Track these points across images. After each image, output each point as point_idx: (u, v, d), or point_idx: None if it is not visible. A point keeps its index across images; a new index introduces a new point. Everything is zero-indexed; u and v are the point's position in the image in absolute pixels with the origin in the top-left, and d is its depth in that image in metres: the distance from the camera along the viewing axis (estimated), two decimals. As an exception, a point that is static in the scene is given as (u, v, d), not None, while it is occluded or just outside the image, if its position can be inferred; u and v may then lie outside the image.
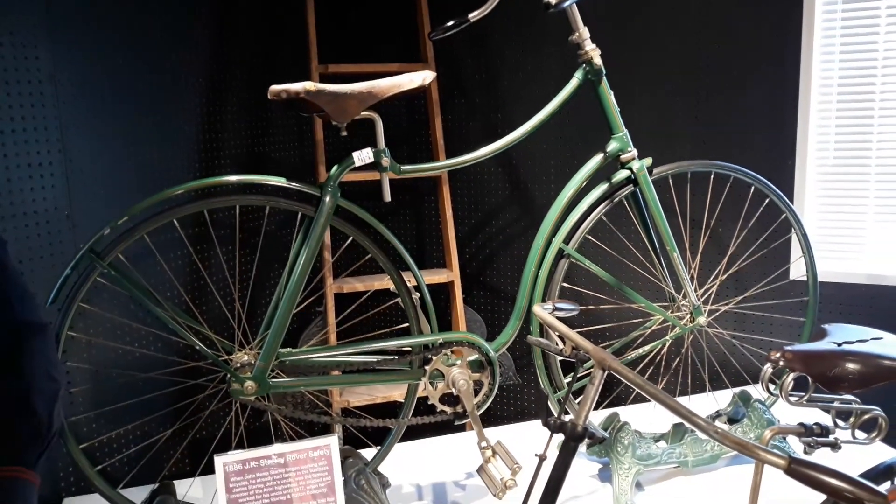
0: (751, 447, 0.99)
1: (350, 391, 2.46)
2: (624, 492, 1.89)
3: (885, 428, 1.49)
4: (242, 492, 1.54)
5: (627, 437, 1.97)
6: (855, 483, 0.93)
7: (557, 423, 1.29)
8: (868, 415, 1.47)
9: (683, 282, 1.97)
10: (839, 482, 0.93)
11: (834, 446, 1.43)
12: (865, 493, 0.92)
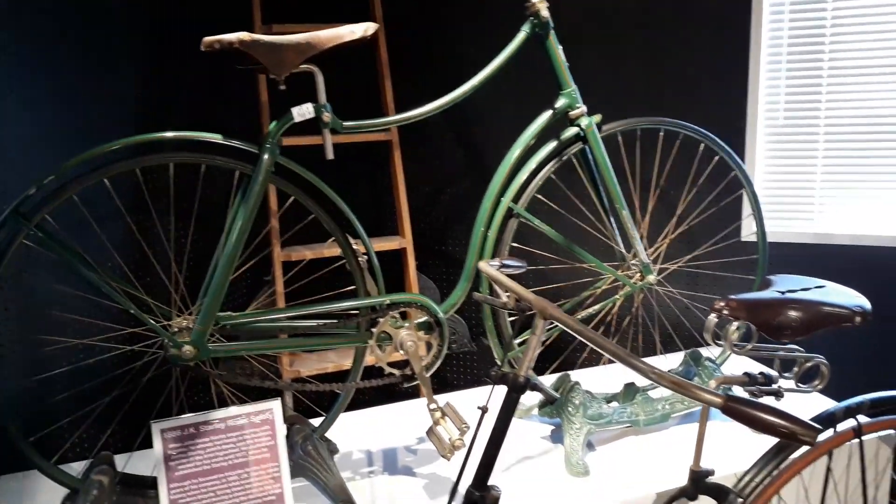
0: (687, 386, 0.98)
1: (301, 361, 2.41)
2: (575, 451, 1.89)
3: (826, 376, 1.50)
4: (181, 459, 1.49)
5: (578, 397, 1.96)
6: (788, 418, 0.92)
7: (499, 375, 1.27)
8: (811, 363, 1.48)
9: (633, 240, 1.96)
10: (773, 417, 0.92)
11: (777, 395, 1.43)
12: (798, 427, 0.91)
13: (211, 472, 1.51)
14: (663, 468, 1.86)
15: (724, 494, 1.50)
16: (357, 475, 1.88)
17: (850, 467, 1.92)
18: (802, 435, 0.92)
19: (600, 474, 1.84)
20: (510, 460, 1.93)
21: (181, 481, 1.49)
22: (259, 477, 1.54)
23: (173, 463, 1.48)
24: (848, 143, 2.46)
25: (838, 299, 1.42)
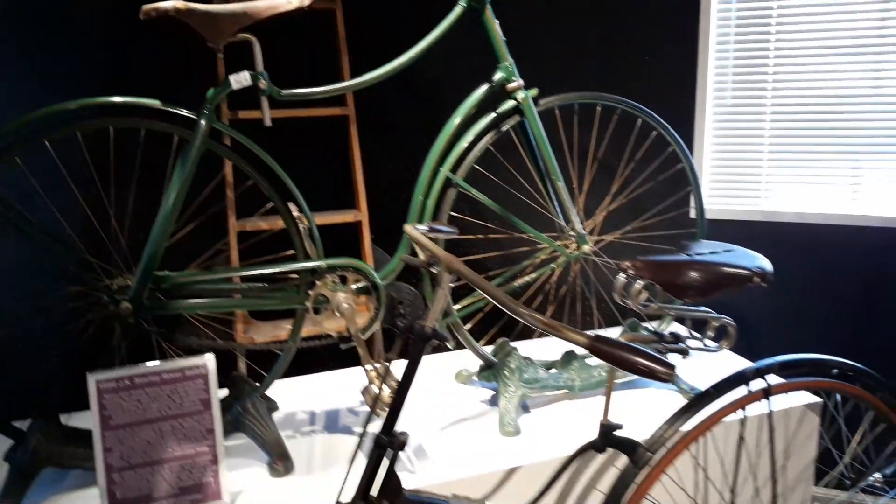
0: (558, 327, 1.04)
1: (255, 329, 2.48)
2: (508, 412, 1.96)
3: (733, 336, 1.57)
4: (115, 409, 1.56)
5: (514, 361, 2.03)
6: (647, 356, 0.99)
7: (406, 325, 1.33)
8: (718, 323, 1.55)
9: (568, 211, 2.02)
10: (634, 356, 0.99)
11: (684, 353, 1.50)
12: (656, 365, 0.98)
13: (145, 423, 1.58)
14: (592, 430, 1.93)
15: (632, 448, 1.57)
16: (298, 433, 1.96)
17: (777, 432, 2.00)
18: (660, 372, 0.98)
19: (531, 435, 1.92)
20: (447, 421, 2.00)
21: (115, 430, 1.55)
22: (192, 429, 1.61)
23: (108, 412, 1.55)
24: (794, 122, 2.52)
25: (739, 261, 1.49)
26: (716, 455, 1.94)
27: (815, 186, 2.54)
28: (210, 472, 1.62)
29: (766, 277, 1.47)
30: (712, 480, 1.94)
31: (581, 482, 1.82)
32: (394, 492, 1.38)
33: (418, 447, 1.87)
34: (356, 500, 1.34)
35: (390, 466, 1.36)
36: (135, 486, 1.56)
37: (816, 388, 1.73)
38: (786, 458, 2.05)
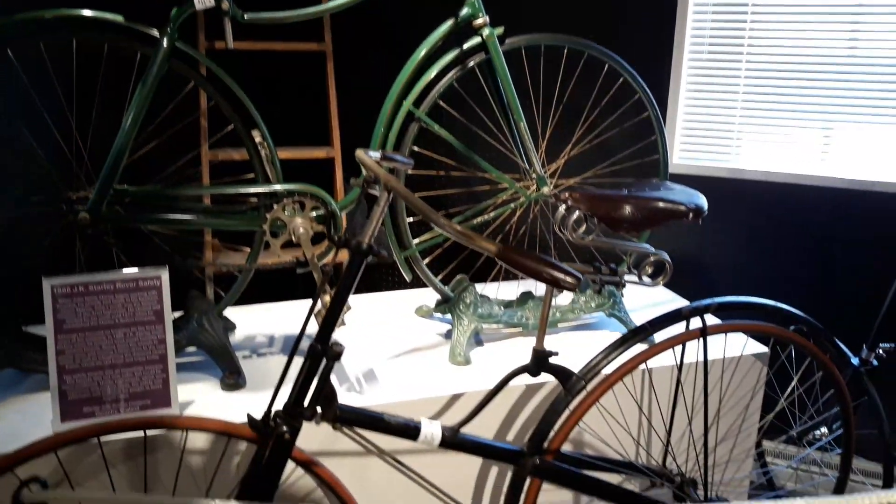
0: (471, 236, 1.09)
1: (225, 256, 2.53)
2: (459, 343, 2.01)
3: (669, 272, 1.61)
4: (69, 314, 1.61)
5: (470, 296, 2.08)
6: (553, 266, 1.03)
7: (343, 240, 1.38)
8: (654, 257, 1.59)
9: (529, 152, 2.05)
10: (539, 265, 1.03)
11: (619, 285, 1.55)
12: (560, 274, 1.02)
13: (98, 329, 1.63)
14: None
15: (566, 376, 1.63)
16: (254, 354, 2.02)
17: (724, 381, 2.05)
18: (563, 281, 1.03)
19: (480, 366, 1.97)
20: (400, 350, 2.06)
21: (68, 334, 1.61)
22: (145, 337, 1.67)
23: (61, 317, 1.61)
24: (768, 80, 2.53)
25: (675, 197, 1.52)
26: (655, 396, 2.00)
27: (786, 146, 2.56)
28: (160, 380, 1.68)
29: (700, 214, 1.51)
30: (648, 417, 2.00)
31: (517, 409, 1.89)
32: (327, 401, 1.44)
33: (369, 371, 1.94)
34: (288, 407, 1.40)
35: (325, 376, 1.41)
36: (86, 389, 1.62)
37: (753, 332, 1.78)
38: (730, 407, 2.11)
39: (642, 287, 2.57)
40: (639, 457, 2.03)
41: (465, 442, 1.55)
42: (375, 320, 2.27)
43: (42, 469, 1.53)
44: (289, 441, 1.40)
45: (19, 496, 0.85)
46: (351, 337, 2.14)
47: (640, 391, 1.98)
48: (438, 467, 1.84)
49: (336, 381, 1.87)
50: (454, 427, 1.56)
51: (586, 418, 1.92)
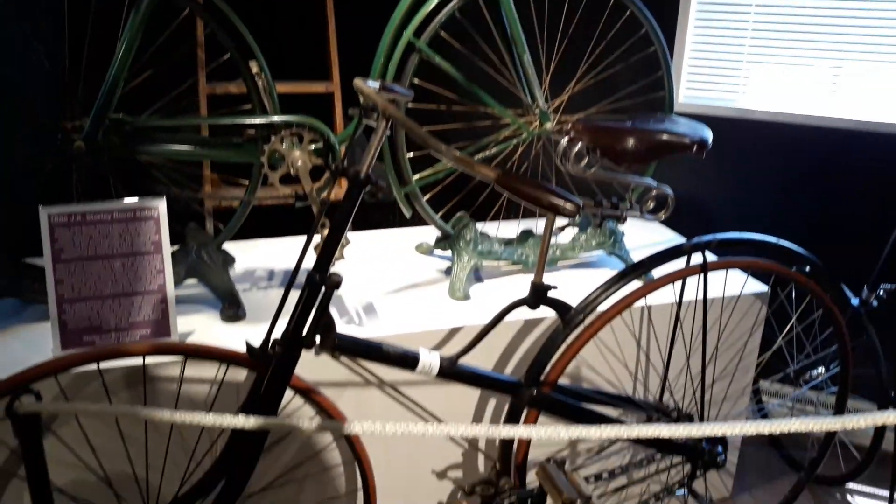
0: (469, 162, 1.07)
1: (225, 191, 2.51)
2: (459, 279, 2.01)
3: (671, 206, 1.60)
4: (67, 243, 1.61)
5: (470, 233, 2.07)
6: (552, 192, 1.02)
7: (340, 169, 1.36)
8: (656, 191, 1.57)
9: (533, 86, 2.01)
10: (538, 191, 1.02)
11: (619, 219, 1.54)
12: (559, 201, 1.01)
13: (96, 259, 1.63)
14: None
15: (564, 309, 1.63)
16: (254, 287, 2.02)
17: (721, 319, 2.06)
18: (561, 208, 1.01)
19: (479, 301, 1.98)
20: (400, 285, 2.06)
21: (66, 263, 1.61)
22: (143, 268, 1.66)
23: (59, 246, 1.60)
24: (777, 18, 2.46)
25: (679, 129, 1.50)
26: (654, 333, 2.01)
27: (794, 85, 2.50)
28: (160, 310, 1.68)
29: (704, 146, 1.48)
30: (646, 353, 2.01)
31: (516, 343, 1.89)
32: (325, 330, 1.44)
33: (368, 305, 1.94)
34: (286, 335, 1.41)
35: (323, 305, 1.41)
36: (86, 318, 1.63)
37: (753, 268, 1.77)
38: (729, 345, 2.12)
39: (643, 226, 2.55)
40: (636, 392, 2.04)
41: (462, 372, 1.56)
42: (375, 257, 2.26)
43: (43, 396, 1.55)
44: (287, 368, 1.41)
45: (13, 408, 0.86)
46: (351, 272, 2.14)
47: (639, 328, 1.99)
48: (437, 399, 1.86)
49: (336, 314, 1.87)
50: (452, 357, 1.57)
51: (584, 354, 1.93)
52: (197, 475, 1.49)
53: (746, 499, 2.32)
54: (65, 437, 1.58)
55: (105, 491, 1.60)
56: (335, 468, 1.81)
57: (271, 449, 1.74)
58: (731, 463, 2.28)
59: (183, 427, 1.65)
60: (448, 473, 1.94)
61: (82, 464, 1.60)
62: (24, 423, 0.88)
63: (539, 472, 1.56)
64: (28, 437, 0.91)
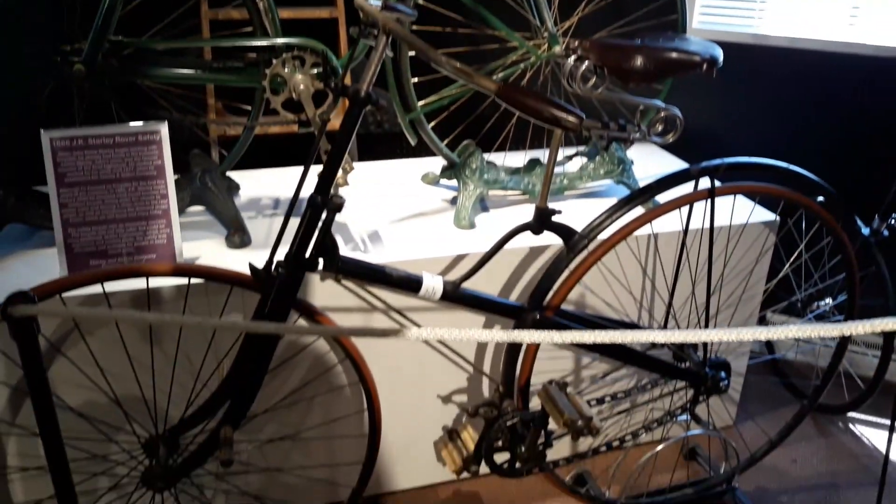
0: (469, 72, 1.04)
1: (228, 119, 2.49)
2: (465, 207, 2.00)
3: (679, 128, 1.57)
4: (70, 167, 1.60)
5: (476, 161, 2.05)
6: (554, 104, 1.00)
7: (340, 87, 1.33)
8: (664, 113, 1.54)
9: (541, 7, 1.96)
10: (539, 103, 0.99)
11: (626, 141, 1.51)
12: (561, 113, 0.99)
13: (100, 183, 1.63)
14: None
15: (569, 234, 1.62)
16: (259, 215, 2.02)
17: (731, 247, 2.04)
18: (565, 120, 0.99)
19: (485, 229, 1.97)
20: (405, 214, 2.05)
21: (70, 187, 1.61)
22: (147, 192, 1.66)
23: (62, 170, 1.60)
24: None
25: (689, 47, 1.45)
26: (659, 260, 2.00)
27: (812, 11, 2.42)
28: (165, 235, 1.69)
29: (714, 65, 1.44)
30: (652, 279, 2.01)
31: (520, 271, 1.89)
32: (328, 252, 1.44)
33: (373, 233, 1.94)
34: (290, 256, 1.41)
35: (326, 227, 1.41)
36: (91, 242, 1.64)
37: (762, 193, 1.75)
38: (735, 274, 2.11)
39: (652, 156, 2.52)
40: (640, 320, 2.05)
41: (466, 296, 1.57)
42: (381, 187, 2.25)
43: (51, 319, 1.57)
44: (291, 290, 1.41)
45: (6, 310, 0.87)
46: (356, 201, 2.13)
47: (645, 255, 1.98)
48: (440, 324, 1.87)
49: (341, 242, 1.87)
50: (456, 282, 1.57)
51: (589, 281, 1.93)
52: (203, 397, 1.52)
53: (750, 426, 2.35)
54: (76, 359, 1.61)
55: (116, 412, 1.63)
56: (341, 391, 1.84)
57: (277, 373, 1.76)
58: (735, 392, 2.30)
59: (189, 348, 1.67)
60: (453, 398, 1.97)
61: (95, 385, 1.63)
62: (20, 326, 0.90)
63: (541, 393, 1.58)
64: (25, 341, 0.93)
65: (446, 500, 2.04)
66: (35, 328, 0.93)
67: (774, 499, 2.08)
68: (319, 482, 1.93)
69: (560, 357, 2.00)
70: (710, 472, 2.11)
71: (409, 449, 2.00)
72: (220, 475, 1.82)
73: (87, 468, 1.68)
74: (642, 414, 2.16)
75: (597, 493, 1.99)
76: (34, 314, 0.87)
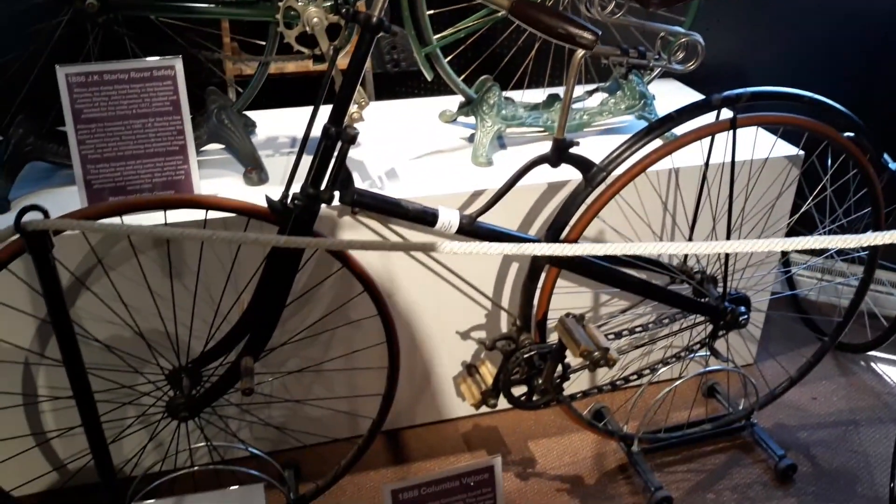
0: (481, -10, 1.02)
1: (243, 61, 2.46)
2: (482, 144, 1.98)
3: (701, 55, 1.52)
4: (86, 103, 1.61)
5: (494, 97, 2.02)
6: (568, 20, 0.97)
7: (352, 13, 1.31)
8: (685, 39, 1.50)
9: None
10: (553, 19, 0.97)
11: (645, 68, 1.47)
12: (576, 29, 0.96)
13: (116, 119, 1.63)
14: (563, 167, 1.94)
15: (587, 166, 1.60)
16: (277, 153, 2.02)
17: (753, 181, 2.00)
18: (579, 37, 0.97)
19: (502, 166, 1.95)
20: (422, 151, 2.04)
21: (87, 123, 1.61)
22: (163, 128, 1.66)
23: (79, 106, 1.60)
24: None
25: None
26: (679, 195, 1.97)
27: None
28: (182, 171, 1.69)
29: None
30: (672, 214, 1.99)
31: (538, 207, 1.88)
32: (344, 185, 1.44)
33: (390, 170, 1.93)
34: (305, 188, 1.41)
35: (340, 159, 1.41)
36: (110, 179, 1.65)
37: (786, 124, 1.71)
38: (758, 209, 2.07)
39: (673, 91, 2.46)
40: (660, 256, 2.03)
41: (481, 230, 1.56)
42: (397, 125, 2.23)
43: (73, 252, 1.59)
44: (307, 222, 1.42)
45: (20, 224, 0.88)
46: (372, 139, 2.11)
47: (666, 189, 1.95)
48: (458, 260, 1.87)
49: (358, 178, 1.87)
50: (472, 215, 1.56)
51: (607, 216, 1.91)
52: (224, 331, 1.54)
53: (770, 365, 2.34)
54: (102, 294, 1.64)
55: (141, 345, 1.67)
56: (360, 325, 1.86)
57: (298, 308, 1.78)
58: (756, 329, 2.29)
59: (209, 281, 1.69)
60: (471, 333, 1.98)
61: (120, 320, 1.67)
62: (35, 240, 0.91)
63: (558, 326, 1.58)
64: (39, 255, 0.95)
65: (466, 435, 2.07)
66: (49, 243, 0.94)
67: (793, 435, 2.09)
68: (341, 415, 1.96)
69: (578, 292, 2.00)
70: (729, 409, 2.11)
71: (428, 384, 2.03)
72: (244, 407, 1.86)
73: (115, 399, 1.72)
74: (661, 351, 2.16)
75: (614, 427, 2.00)
76: (47, 228, 0.89)
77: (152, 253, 1.65)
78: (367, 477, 1.93)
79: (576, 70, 1.35)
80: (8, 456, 1.70)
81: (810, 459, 2.00)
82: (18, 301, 1.61)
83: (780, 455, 1.94)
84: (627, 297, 2.02)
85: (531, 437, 2.06)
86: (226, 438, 1.87)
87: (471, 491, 1.55)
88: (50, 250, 0.94)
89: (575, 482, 1.92)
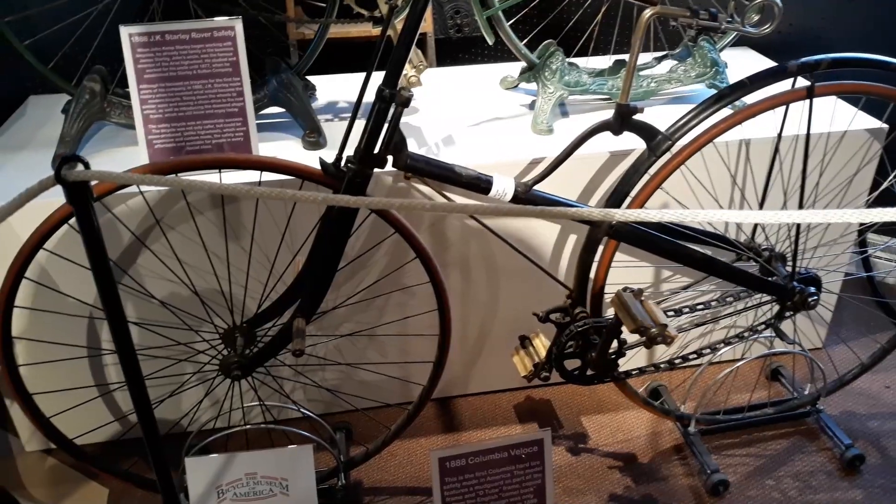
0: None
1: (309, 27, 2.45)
2: (543, 111, 1.93)
3: (779, 16, 1.43)
4: (149, 63, 1.62)
5: (556, 62, 1.96)
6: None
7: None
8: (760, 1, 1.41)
9: None
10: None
11: (717, 30, 1.40)
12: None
13: (177, 79, 1.64)
14: (626, 138, 1.87)
15: (651, 134, 1.54)
16: (336, 118, 2.01)
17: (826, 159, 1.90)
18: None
19: (563, 135, 1.89)
20: (481, 118, 2.00)
21: (150, 83, 1.63)
22: (223, 90, 1.67)
23: (141, 66, 1.62)
24: None
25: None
26: (749, 167, 1.87)
27: None
28: (241, 133, 1.70)
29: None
30: (741, 188, 1.90)
31: (598, 178, 1.82)
32: (397, 149, 1.42)
33: (447, 136, 1.90)
34: (359, 151, 1.39)
35: (394, 123, 1.38)
36: (171, 139, 1.67)
37: (869, 94, 1.60)
38: (834, 185, 1.96)
39: (747, 60, 2.34)
40: (727, 232, 1.95)
41: (537, 198, 1.52)
42: (457, 91, 2.19)
43: (134, 209, 1.62)
44: (360, 185, 1.41)
45: (61, 174, 0.89)
46: (431, 105, 2.08)
47: (735, 162, 1.86)
48: (513, 231, 1.84)
49: (414, 144, 1.84)
50: (528, 183, 1.52)
51: (671, 188, 1.84)
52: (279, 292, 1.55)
53: (840, 350, 2.23)
54: (160, 253, 1.67)
55: (197, 304, 1.70)
56: (414, 292, 1.85)
57: (352, 274, 1.78)
58: (827, 311, 2.18)
59: (264, 241, 1.71)
60: (526, 305, 1.94)
61: (178, 279, 1.70)
62: (75, 191, 0.92)
63: (614, 299, 1.53)
64: (80, 205, 0.96)
65: (518, 406, 2.05)
66: (89, 194, 0.95)
67: (863, 424, 1.99)
68: (393, 381, 1.97)
69: (638, 266, 1.94)
70: (794, 394, 2.03)
71: (481, 353, 2.01)
72: (298, 369, 1.88)
73: (173, 356, 1.76)
74: (723, 331, 2.08)
75: (672, 406, 1.95)
76: (87, 179, 0.89)
77: (210, 214, 1.67)
78: (418, 443, 1.93)
79: (643, 30, 1.28)
80: (72, 405, 1.76)
81: (880, 451, 1.91)
82: (83, 258, 1.66)
83: (847, 444, 1.85)
84: (689, 274, 1.95)
85: (584, 412, 2.03)
86: (279, 399, 1.90)
87: (519, 463, 1.53)
88: (91, 202, 0.95)
89: (627, 460, 1.88)
